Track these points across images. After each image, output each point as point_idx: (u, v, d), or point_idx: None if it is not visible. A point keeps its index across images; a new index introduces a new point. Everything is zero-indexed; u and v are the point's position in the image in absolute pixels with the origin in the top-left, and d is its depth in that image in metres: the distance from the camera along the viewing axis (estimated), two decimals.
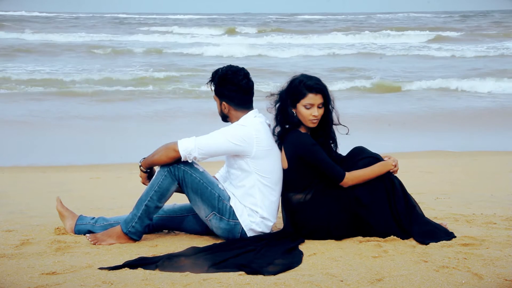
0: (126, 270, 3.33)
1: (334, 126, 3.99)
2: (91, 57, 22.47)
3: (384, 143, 8.83)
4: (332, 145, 4.03)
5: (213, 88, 3.95)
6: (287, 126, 3.93)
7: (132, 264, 3.40)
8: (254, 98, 3.95)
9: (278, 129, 3.95)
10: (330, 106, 3.93)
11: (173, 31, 37.79)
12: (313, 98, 3.85)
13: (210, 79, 3.95)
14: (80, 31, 36.27)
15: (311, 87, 3.85)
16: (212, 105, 4.10)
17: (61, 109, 12.99)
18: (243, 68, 3.93)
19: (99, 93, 14.47)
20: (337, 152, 4.05)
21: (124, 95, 14.43)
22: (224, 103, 3.91)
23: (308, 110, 3.86)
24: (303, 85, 3.86)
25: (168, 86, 15.59)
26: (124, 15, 61.76)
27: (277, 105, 3.96)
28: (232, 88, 3.87)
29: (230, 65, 3.95)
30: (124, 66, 20.09)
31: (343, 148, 4.10)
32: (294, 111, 3.89)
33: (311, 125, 3.89)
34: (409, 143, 9.48)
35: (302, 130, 3.94)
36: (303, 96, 3.85)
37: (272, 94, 4.01)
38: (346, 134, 3.95)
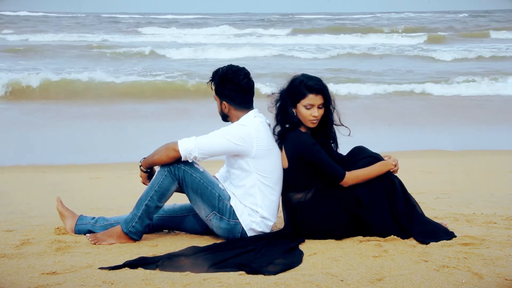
0: (127, 270, 3.33)
1: (335, 126, 3.99)
2: (87, 57, 22.38)
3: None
4: (332, 144, 4.03)
5: (213, 87, 3.95)
6: (287, 126, 3.93)
7: (132, 264, 3.40)
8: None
9: (278, 128, 3.95)
10: (330, 107, 3.93)
11: (169, 32, 37.48)
12: (313, 99, 3.85)
13: (210, 78, 3.95)
14: (76, 31, 36.20)
15: (312, 87, 3.85)
16: (213, 105, 4.10)
17: (61, 108, 13.00)
18: (243, 68, 3.93)
19: (99, 92, 14.46)
20: (337, 152, 4.05)
21: (124, 95, 14.42)
22: (224, 102, 3.91)
23: (308, 111, 3.86)
24: (303, 85, 3.86)
25: (167, 86, 15.57)
26: (124, 15, 61.60)
27: (278, 104, 3.95)
28: (233, 87, 3.87)
29: (231, 64, 3.95)
30: (122, 66, 20.10)
31: (343, 148, 4.10)
32: (294, 110, 3.89)
33: (311, 125, 3.90)
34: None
35: (303, 129, 3.94)
36: (303, 96, 3.85)
37: (272, 93, 4.01)
38: (348, 135, 3.95)
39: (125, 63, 21.12)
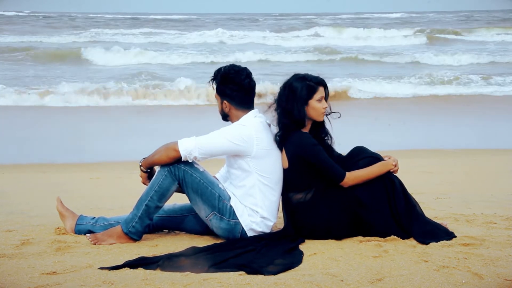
0: (127, 270, 3.33)
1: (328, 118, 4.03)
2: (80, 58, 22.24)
3: None
4: (326, 138, 4.02)
5: (214, 86, 3.95)
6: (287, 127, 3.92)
7: (133, 264, 3.40)
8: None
9: (280, 133, 3.93)
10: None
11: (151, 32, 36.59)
12: (322, 91, 3.93)
13: (212, 77, 3.95)
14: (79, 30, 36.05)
15: (318, 80, 3.91)
16: (212, 105, 4.10)
17: (61, 108, 13.01)
18: (245, 68, 3.93)
19: (99, 92, 14.45)
20: (337, 152, 4.05)
21: (124, 94, 14.42)
22: (225, 102, 3.91)
23: (320, 103, 3.90)
24: (310, 81, 3.88)
25: (165, 86, 15.54)
26: (120, 16, 61.24)
27: (278, 111, 3.93)
28: (234, 87, 3.87)
29: (233, 64, 3.96)
30: (119, 65, 20.11)
31: (344, 148, 4.10)
32: (306, 109, 3.90)
33: (322, 118, 3.93)
34: None
35: (304, 130, 3.94)
36: (315, 91, 3.88)
37: (269, 106, 3.99)
38: (338, 118, 3.98)
39: (120, 64, 21.09)
